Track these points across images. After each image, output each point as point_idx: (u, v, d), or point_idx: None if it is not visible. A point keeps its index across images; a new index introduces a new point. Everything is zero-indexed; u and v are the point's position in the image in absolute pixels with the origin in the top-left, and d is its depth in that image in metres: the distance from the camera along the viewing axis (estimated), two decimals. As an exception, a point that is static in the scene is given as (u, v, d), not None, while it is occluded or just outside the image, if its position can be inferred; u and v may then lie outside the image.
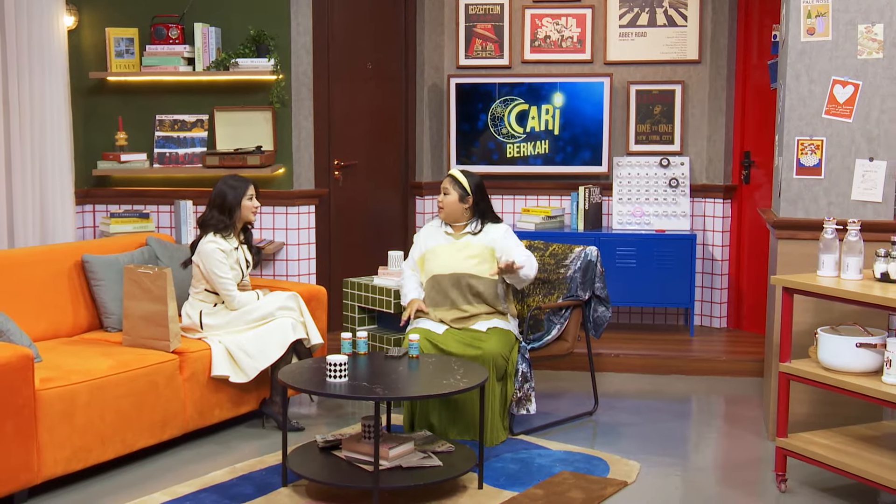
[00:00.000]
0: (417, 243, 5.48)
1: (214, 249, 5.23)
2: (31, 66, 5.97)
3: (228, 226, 5.30)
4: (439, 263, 5.29)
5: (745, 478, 4.76)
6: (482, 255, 5.26)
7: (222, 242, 5.27)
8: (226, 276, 5.23)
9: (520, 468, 4.74)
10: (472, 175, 5.36)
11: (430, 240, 5.42)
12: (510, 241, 5.29)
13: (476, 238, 5.31)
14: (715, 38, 7.22)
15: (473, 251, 5.27)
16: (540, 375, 6.25)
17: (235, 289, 5.27)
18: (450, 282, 5.23)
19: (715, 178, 7.31)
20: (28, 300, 5.14)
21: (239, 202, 5.32)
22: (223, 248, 5.26)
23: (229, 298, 5.25)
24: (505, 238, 5.30)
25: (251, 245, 5.52)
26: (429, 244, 5.40)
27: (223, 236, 5.29)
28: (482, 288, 5.22)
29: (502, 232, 5.32)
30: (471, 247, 5.29)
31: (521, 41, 7.48)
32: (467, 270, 5.23)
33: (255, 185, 5.43)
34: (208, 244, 5.24)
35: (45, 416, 4.29)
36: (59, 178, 6.19)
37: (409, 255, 5.53)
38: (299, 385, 4.38)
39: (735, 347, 6.84)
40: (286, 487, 4.47)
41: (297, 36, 6.61)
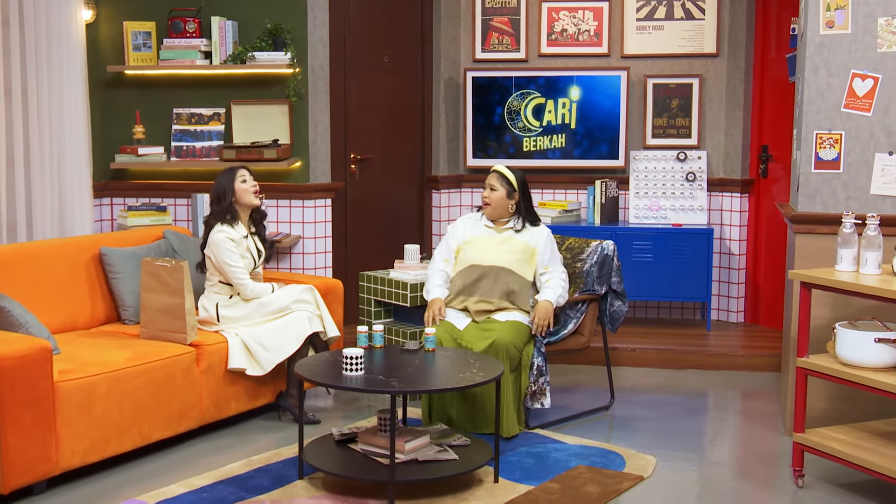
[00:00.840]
0: (454, 233, 5.44)
1: (223, 238, 5.24)
2: (49, 59, 6.00)
3: (226, 212, 5.30)
4: (479, 254, 5.29)
5: (762, 473, 4.75)
6: (524, 254, 5.27)
7: (230, 231, 5.28)
8: (236, 265, 5.24)
9: (535, 462, 4.74)
10: (516, 172, 5.38)
11: (468, 231, 5.41)
12: (548, 252, 5.32)
13: (518, 235, 5.33)
14: (733, 31, 7.19)
15: (516, 246, 5.28)
16: (556, 369, 6.24)
17: (247, 277, 5.27)
18: (487, 273, 5.23)
19: (732, 172, 7.29)
20: (46, 292, 5.16)
21: (231, 187, 5.32)
22: (232, 236, 5.27)
23: (242, 287, 5.26)
24: (547, 245, 5.32)
25: (263, 237, 5.52)
26: (467, 235, 5.39)
27: (230, 225, 5.30)
28: (517, 286, 5.22)
29: (545, 236, 5.34)
30: (513, 241, 5.30)
31: (538, 34, 7.46)
32: (507, 265, 5.24)
33: (248, 168, 5.42)
34: (217, 234, 5.26)
35: (63, 407, 4.32)
36: (78, 171, 6.22)
37: (441, 244, 5.49)
38: (315, 378, 4.39)
39: (752, 342, 6.82)
40: (302, 480, 4.48)
41: (314, 29, 6.61)
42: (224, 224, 5.28)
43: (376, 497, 4.27)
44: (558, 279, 5.28)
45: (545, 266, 5.29)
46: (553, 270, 5.30)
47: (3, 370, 4.04)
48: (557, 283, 5.26)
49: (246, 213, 5.40)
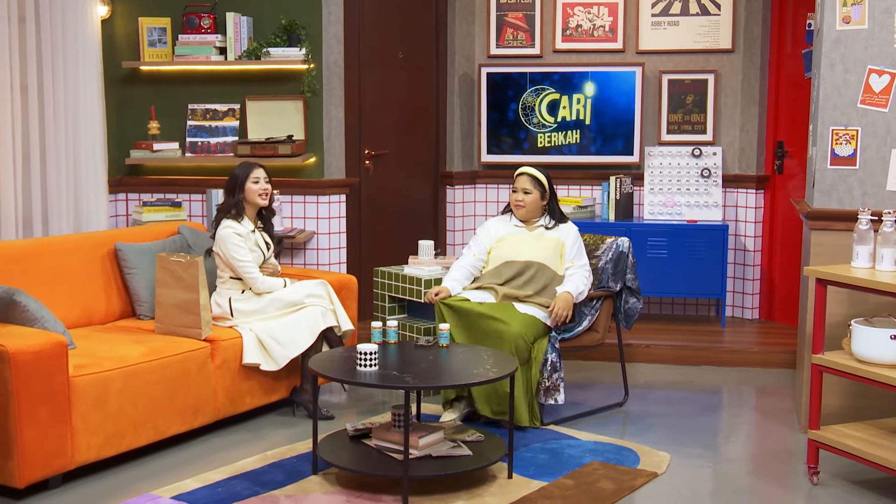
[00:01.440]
0: (486, 232, 5.50)
1: (230, 234, 5.25)
2: (65, 55, 6.02)
3: (232, 206, 5.32)
4: (513, 250, 5.37)
5: (777, 470, 4.74)
6: (555, 250, 5.35)
7: (237, 226, 5.29)
8: (245, 259, 5.25)
9: (549, 458, 4.74)
10: (543, 171, 5.45)
11: (500, 230, 5.49)
12: (576, 248, 5.37)
13: (549, 232, 5.41)
14: (748, 26, 7.16)
15: (548, 243, 5.36)
16: (570, 366, 6.24)
17: (257, 271, 5.28)
18: (526, 268, 5.30)
19: (748, 168, 7.26)
20: (62, 288, 5.18)
21: (243, 184, 5.33)
22: (239, 231, 5.28)
23: (252, 281, 5.26)
24: (575, 241, 5.39)
25: (272, 233, 5.53)
26: (500, 233, 5.47)
27: (237, 220, 5.31)
28: (546, 280, 5.28)
29: (574, 233, 5.41)
30: (545, 238, 5.39)
31: (553, 30, 7.45)
32: (540, 259, 5.32)
33: (266, 169, 5.43)
34: (223, 230, 5.27)
35: (78, 402, 4.33)
36: (93, 166, 6.24)
37: (472, 241, 5.53)
38: (329, 373, 4.40)
39: (767, 339, 6.79)
40: (316, 475, 4.49)
41: (329, 25, 6.62)
42: (230, 219, 5.30)
43: (390, 493, 4.27)
44: (581, 274, 5.32)
45: (571, 260, 5.34)
46: (578, 265, 5.34)
47: (18, 365, 4.06)
48: (580, 277, 5.30)
49: (253, 209, 5.41)
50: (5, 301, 4.38)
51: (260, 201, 5.38)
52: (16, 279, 4.88)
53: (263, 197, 5.38)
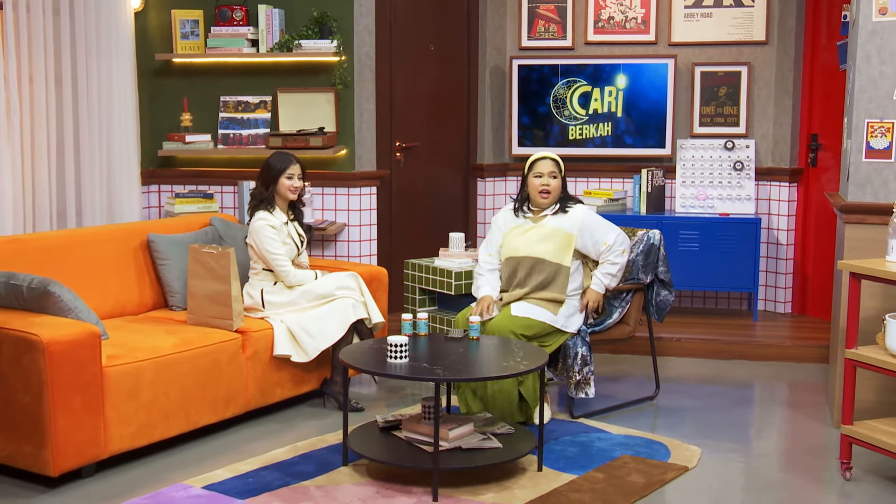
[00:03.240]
0: (496, 227, 5.37)
1: (263, 226, 5.27)
2: (98, 48, 6.06)
3: (266, 198, 5.34)
4: (514, 246, 5.24)
5: (809, 465, 4.70)
6: (557, 239, 5.16)
7: (270, 218, 5.31)
8: (277, 252, 5.27)
9: (580, 451, 4.73)
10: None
11: (508, 222, 5.34)
12: (590, 229, 5.18)
13: (553, 220, 5.22)
14: (783, 18, 7.10)
15: (547, 233, 5.18)
16: (601, 359, 6.22)
17: (289, 264, 5.30)
18: (520, 264, 5.21)
19: (781, 161, 7.21)
20: (95, 279, 5.23)
21: (277, 177, 5.35)
22: (272, 223, 5.30)
23: (283, 274, 5.28)
24: (585, 224, 5.18)
25: (302, 222, 5.55)
26: (507, 226, 5.33)
27: (269, 211, 5.33)
28: (545, 275, 5.15)
29: (580, 217, 5.19)
30: (545, 228, 5.20)
31: (585, 22, 7.42)
32: (538, 255, 5.17)
33: (302, 165, 5.43)
34: (257, 222, 5.29)
35: (111, 392, 4.37)
36: (126, 158, 6.28)
37: (485, 239, 5.41)
38: (360, 365, 4.41)
39: (800, 333, 6.75)
40: (346, 466, 4.50)
41: (360, 17, 6.62)
42: (263, 210, 5.31)
43: (420, 484, 4.28)
44: (610, 262, 5.18)
45: (603, 243, 5.18)
46: (612, 245, 5.18)
47: (52, 355, 4.09)
48: (609, 267, 5.18)
49: (284, 201, 5.43)
50: (40, 291, 4.42)
51: (290, 196, 5.40)
52: (50, 270, 4.93)
53: (293, 192, 5.40)
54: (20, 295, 4.47)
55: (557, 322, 5.07)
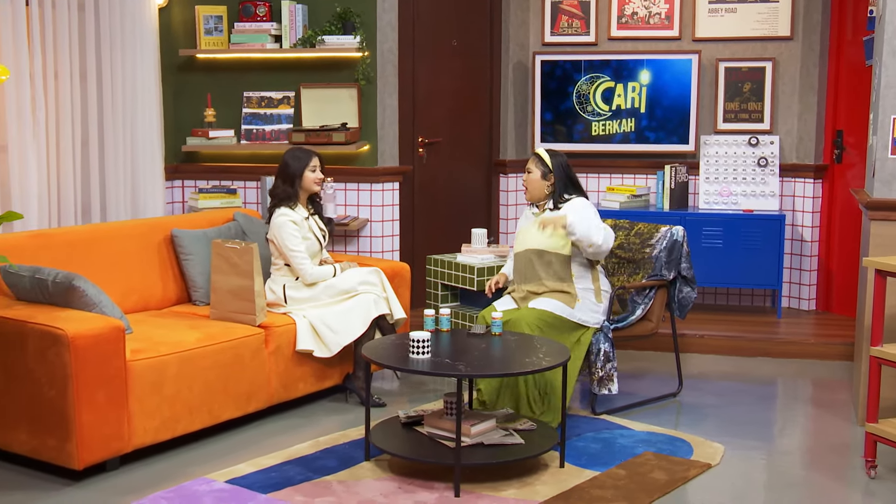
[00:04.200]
0: (518, 224, 5.48)
1: (286, 222, 5.28)
2: (123, 43, 6.09)
3: (291, 195, 5.35)
4: (520, 241, 5.28)
5: (833, 463, 4.68)
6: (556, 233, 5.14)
7: (292, 214, 5.32)
8: (297, 249, 5.27)
9: (602, 448, 4.72)
10: (556, 154, 5.26)
11: (522, 221, 5.40)
12: (584, 209, 5.11)
13: (552, 214, 5.19)
14: (808, 13, 7.05)
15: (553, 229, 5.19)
16: (623, 356, 6.20)
17: (308, 261, 5.29)
18: (523, 259, 5.21)
19: (805, 157, 7.16)
20: (119, 273, 5.25)
21: (301, 172, 5.36)
22: (294, 219, 5.31)
23: (301, 271, 5.27)
24: (577, 213, 5.09)
25: (322, 215, 5.56)
26: (521, 225, 5.38)
27: (291, 207, 5.34)
28: (546, 265, 5.14)
29: (576, 207, 5.13)
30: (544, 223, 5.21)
31: (608, 18, 7.39)
32: (537, 246, 5.17)
33: (320, 157, 5.46)
34: (279, 218, 5.30)
35: (135, 386, 4.39)
36: (150, 153, 6.31)
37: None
38: (382, 361, 4.41)
39: (824, 330, 6.71)
40: (368, 462, 4.51)
41: (383, 13, 6.62)
42: (285, 206, 5.32)
43: (442, 480, 4.29)
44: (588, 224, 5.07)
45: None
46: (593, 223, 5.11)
47: (77, 349, 4.12)
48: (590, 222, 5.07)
49: (305, 195, 5.44)
50: (65, 286, 4.45)
51: (316, 188, 5.42)
52: (75, 264, 4.96)
53: (319, 185, 5.43)
54: (45, 289, 4.50)
55: (574, 316, 5.06)
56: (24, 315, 4.32)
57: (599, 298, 5.18)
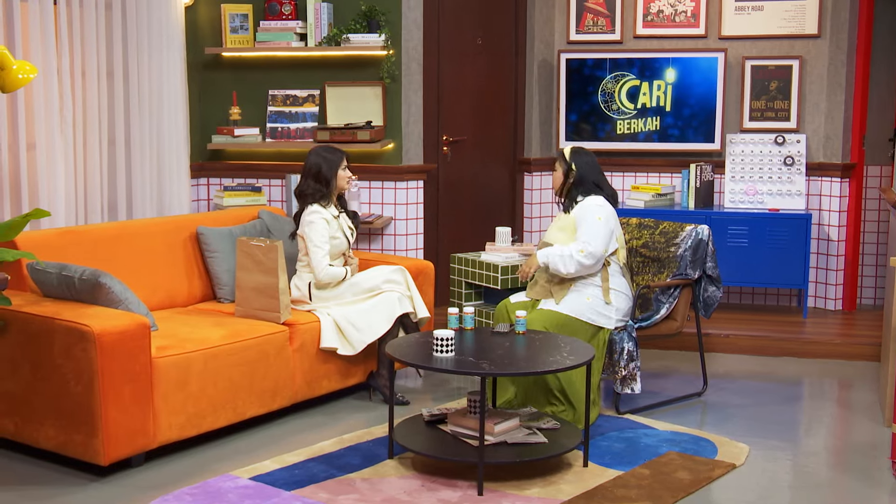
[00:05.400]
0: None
1: (319, 219, 5.29)
2: (150, 42, 6.12)
3: (325, 195, 5.36)
4: (546, 238, 5.28)
5: (859, 464, 4.65)
6: (567, 229, 5.15)
7: (324, 212, 5.33)
8: (321, 246, 5.28)
9: (626, 447, 4.71)
10: (581, 153, 5.24)
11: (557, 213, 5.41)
12: (587, 222, 5.07)
13: (571, 211, 5.19)
14: (836, 11, 7.00)
15: (566, 223, 5.18)
16: (648, 355, 6.19)
17: (326, 260, 5.27)
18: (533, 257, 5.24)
19: (833, 156, 7.11)
20: (145, 271, 5.29)
21: (335, 172, 5.38)
22: (326, 217, 5.32)
23: (317, 266, 5.24)
24: (582, 217, 5.09)
25: (348, 211, 5.57)
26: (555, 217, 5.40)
27: (323, 205, 5.35)
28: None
29: (584, 209, 5.12)
30: (564, 219, 5.21)
31: (634, 16, 7.37)
32: (551, 241, 5.19)
33: (347, 155, 5.47)
34: (312, 214, 5.31)
35: (160, 382, 4.42)
36: (176, 151, 6.34)
37: None
38: (406, 359, 4.41)
39: (850, 330, 6.66)
40: (392, 459, 4.52)
41: (408, 11, 6.63)
42: (318, 205, 5.33)
43: (465, 478, 4.29)
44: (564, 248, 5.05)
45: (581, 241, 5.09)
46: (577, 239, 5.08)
47: (103, 345, 4.15)
48: (559, 249, 5.07)
49: (335, 193, 5.45)
50: (91, 283, 4.48)
51: (348, 187, 5.44)
52: (101, 261, 4.99)
53: (350, 182, 5.45)
54: (72, 286, 4.53)
55: (584, 316, 5.04)
56: (50, 312, 4.36)
57: (608, 298, 5.11)
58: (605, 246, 5.06)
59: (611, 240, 5.11)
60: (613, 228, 5.14)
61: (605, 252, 5.06)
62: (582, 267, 5.03)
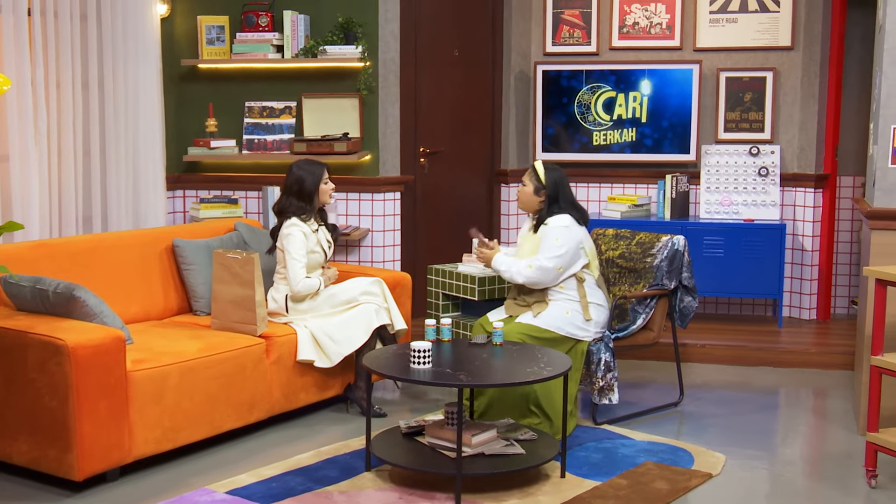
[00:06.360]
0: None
1: (297, 232, 5.28)
2: (125, 53, 6.10)
3: (308, 211, 5.35)
4: (518, 250, 5.29)
5: (834, 472, 4.67)
6: (535, 248, 5.13)
7: (304, 226, 5.32)
8: (298, 258, 5.26)
9: (603, 458, 4.72)
10: (553, 169, 5.21)
11: (522, 230, 5.39)
12: (545, 242, 5.07)
13: (539, 230, 5.17)
14: (809, 23, 7.06)
15: (536, 242, 5.15)
16: (624, 365, 6.20)
17: (303, 272, 5.27)
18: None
19: (806, 166, 7.16)
20: (121, 283, 5.26)
21: (317, 187, 5.37)
22: (305, 231, 5.31)
23: (293, 278, 5.22)
24: (546, 234, 5.08)
25: (328, 224, 5.57)
26: (521, 234, 5.38)
27: (303, 219, 5.34)
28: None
29: (550, 229, 5.10)
30: (533, 238, 5.18)
31: (609, 28, 7.40)
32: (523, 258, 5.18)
33: (328, 167, 5.47)
34: (292, 227, 5.29)
35: (136, 396, 4.39)
36: (152, 163, 6.32)
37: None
38: (383, 371, 4.41)
39: (825, 339, 6.71)
40: (370, 472, 4.51)
41: (385, 23, 6.64)
42: (299, 219, 5.32)
43: (443, 490, 4.28)
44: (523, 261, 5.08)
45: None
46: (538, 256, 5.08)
47: (78, 359, 4.12)
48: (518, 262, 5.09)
49: (317, 208, 5.45)
50: (66, 296, 4.46)
51: (329, 201, 5.44)
52: (76, 274, 4.96)
53: (331, 196, 5.45)
54: (46, 299, 4.51)
55: (562, 329, 5.05)
56: (24, 325, 4.33)
57: (588, 314, 5.11)
58: (560, 264, 5.05)
59: (573, 260, 5.10)
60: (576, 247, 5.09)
61: (559, 271, 5.06)
62: (529, 280, 5.07)
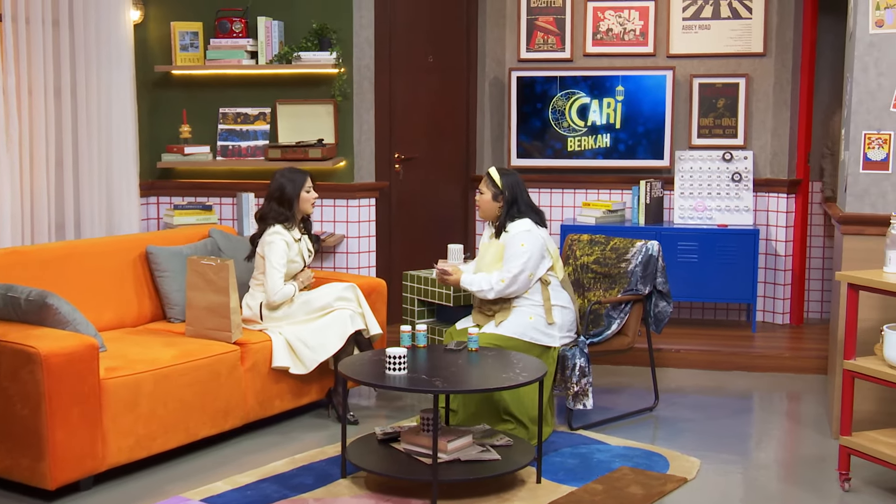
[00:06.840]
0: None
1: (279, 241, 5.27)
2: (98, 59, 6.07)
3: (289, 217, 5.35)
4: (479, 265, 5.27)
5: (808, 476, 4.70)
6: (497, 255, 5.14)
7: (286, 234, 5.31)
8: (278, 267, 5.25)
9: (579, 463, 4.73)
10: (508, 174, 5.20)
11: (483, 238, 5.37)
12: (510, 250, 5.07)
13: (501, 236, 5.17)
14: (781, 30, 7.11)
15: (497, 249, 5.16)
16: (600, 370, 6.22)
17: (281, 281, 5.26)
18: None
19: (779, 172, 7.21)
20: (94, 291, 5.23)
21: (298, 194, 5.37)
22: (287, 239, 5.30)
23: (271, 286, 5.21)
24: (510, 241, 5.08)
25: (311, 234, 5.56)
26: (482, 243, 5.37)
27: (286, 227, 5.33)
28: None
29: (512, 235, 5.10)
30: (494, 245, 5.19)
31: (583, 34, 7.43)
32: (484, 268, 5.19)
33: (312, 176, 5.46)
34: (274, 235, 5.28)
35: (109, 404, 4.36)
36: (125, 170, 6.29)
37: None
38: (359, 377, 4.40)
39: (798, 344, 6.75)
40: (345, 479, 4.50)
41: (360, 29, 6.64)
42: (282, 227, 5.31)
43: (419, 496, 4.28)
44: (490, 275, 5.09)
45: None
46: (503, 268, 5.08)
47: (50, 367, 4.09)
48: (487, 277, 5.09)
49: (299, 216, 5.44)
50: (38, 304, 4.42)
51: (311, 210, 5.43)
52: (48, 282, 4.93)
53: (313, 204, 5.44)
54: (18, 307, 4.47)
55: (526, 336, 5.06)
56: (-3, 333, 4.30)
57: (550, 318, 5.11)
58: (530, 269, 5.06)
59: (539, 263, 5.10)
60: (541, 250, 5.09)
61: (529, 277, 5.07)
62: (502, 293, 5.07)
